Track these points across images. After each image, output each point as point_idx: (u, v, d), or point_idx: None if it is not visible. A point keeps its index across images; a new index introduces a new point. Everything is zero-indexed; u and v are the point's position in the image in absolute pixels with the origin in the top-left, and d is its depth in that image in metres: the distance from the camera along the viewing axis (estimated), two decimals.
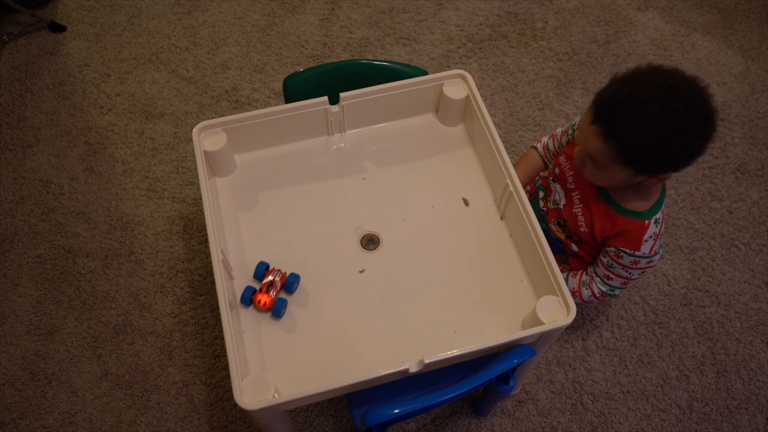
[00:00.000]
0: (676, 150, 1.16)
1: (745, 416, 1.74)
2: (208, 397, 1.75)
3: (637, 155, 1.19)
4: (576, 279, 1.52)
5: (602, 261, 1.45)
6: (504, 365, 1.20)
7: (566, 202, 1.47)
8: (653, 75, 1.18)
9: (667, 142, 1.14)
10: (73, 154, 2.17)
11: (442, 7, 2.55)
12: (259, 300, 1.26)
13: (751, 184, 2.12)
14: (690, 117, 1.14)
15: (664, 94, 1.13)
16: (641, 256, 1.36)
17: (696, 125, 1.15)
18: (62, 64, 2.39)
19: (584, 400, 1.76)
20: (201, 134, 1.38)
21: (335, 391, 1.11)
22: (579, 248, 1.51)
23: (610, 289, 1.48)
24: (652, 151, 1.17)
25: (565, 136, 1.55)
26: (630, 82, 1.18)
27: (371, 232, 1.37)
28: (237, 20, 2.51)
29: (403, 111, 1.52)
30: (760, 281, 1.93)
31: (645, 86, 1.15)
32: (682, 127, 1.14)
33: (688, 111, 1.13)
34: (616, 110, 1.16)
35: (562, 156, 1.50)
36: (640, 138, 1.15)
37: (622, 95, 1.16)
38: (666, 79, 1.16)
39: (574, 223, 1.46)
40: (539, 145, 1.63)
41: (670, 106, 1.12)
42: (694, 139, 1.16)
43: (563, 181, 1.49)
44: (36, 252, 1.97)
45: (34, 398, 1.76)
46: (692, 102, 1.14)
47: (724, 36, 2.49)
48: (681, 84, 1.15)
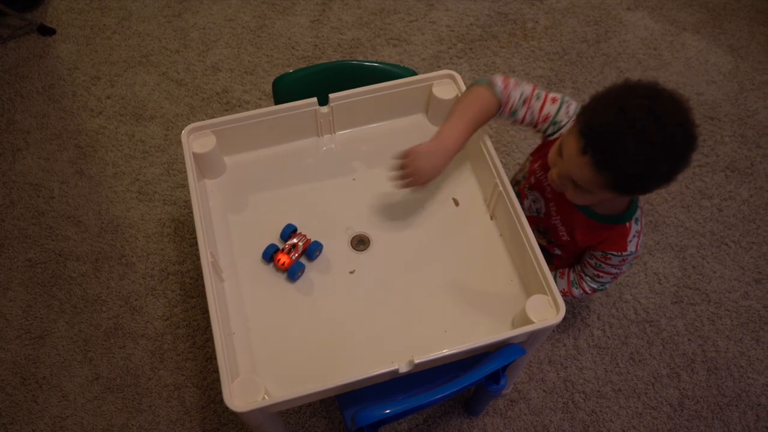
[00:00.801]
0: (672, 175, 1.12)
1: (735, 413, 1.74)
2: (200, 399, 1.75)
3: (632, 184, 1.15)
4: (564, 279, 1.52)
5: (590, 263, 1.44)
6: (494, 364, 1.20)
7: (545, 212, 1.45)
8: (641, 97, 1.09)
9: (667, 171, 1.11)
10: (63, 158, 2.16)
11: (433, 7, 2.56)
12: (278, 259, 1.30)
13: (740, 182, 2.13)
14: (686, 143, 1.09)
15: (661, 121, 1.06)
16: (628, 255, 1.37)
17: (690, 149, 1.10)
18: (52, 67, 2.38)
19: (576, 399, 1.76)
20: (190, 136, 1.38)
21: (325, 392, 1.11)
22: (562, 251, 1.51)
23: (600, 285, 1.48)
24: (649, 180, 1.13)
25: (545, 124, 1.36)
26: (620, 106, 1.08)
27: (361, 233, 1.37)
28: (227, 22, 2.51)
29: (392, 111, 1.52)
30: (750, 279, 1.94)
31: (638, 112, 1.06)
32: (681, 154, 1.10)
33: (684, 137, 1.09)
34: (613, 142, 1.08)
35: (536, 164, 1.44)
36: (640, 169, 1.09)
37: (618, 125, 1.07)
38: (655, 100, 1.09)
39: (555, 233, 1.45)
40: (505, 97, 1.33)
41: (668, 134, 1.06)
42: (686, 162, 1.12)
43: (541, 190, 1.44)
44: (26, 256, 1.97)
45: (24, 403, 1.75)
46: (686, 127, 1.09)
47: (713, 35, 2.50)
48: (671, 106, 1.10)
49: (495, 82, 1.33)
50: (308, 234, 1.35)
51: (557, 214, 1.42)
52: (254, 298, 1.29)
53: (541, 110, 1.34)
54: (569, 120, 1.33)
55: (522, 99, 1.33)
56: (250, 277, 1.32)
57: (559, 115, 1.34)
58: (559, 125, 1.34)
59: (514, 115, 1.35)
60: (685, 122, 1.09)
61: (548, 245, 1.52)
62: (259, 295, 1.30)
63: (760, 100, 2.32)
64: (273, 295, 1.30)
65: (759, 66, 2.41)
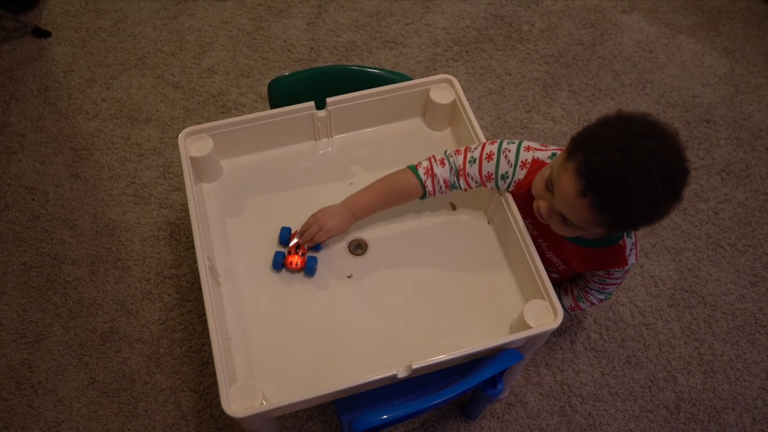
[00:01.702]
0: (666, 213, 1.11)
1: (732, 416, 1.75)
2: (197, 404, 1.74)
3: (630, 224, 1.14)
4: (570, 296, 1.52)
5: (593, 280, 1.43)
6: (491, 370, 1.20)
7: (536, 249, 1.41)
8: (641, 136, 1.06)
9: (663, 209, 1.09)
10: (58, 161, 2.15)
11: (429, 10, 2.56)
12: (290, 262, 1.31)
13: (736, 185, 2.13)
14: (682, 180, 1.08)
15: (662, 162, 1.04)
16: (630, 267, 1.35)
17: (684, 185, 1.09)
18: (47, 70, 2.37)
19: (573, 402, 1.76)
20: (187, 140, 1.38)
21: (323, 398, 1.11)
22: (559, 275, 1.50)
23: (606, 295, 1.48)
24: (646, 219, 1.11)
25: (491, 182, 1.31)
26: (620, 148, 1.04)
27: (359, 238, 1.37)
28: (223, 25, 2.50)
29: (390, 116, 1.52)
30: (746, 281, 1.95)
31: (640, 154, 1.03)
32: (678, 192, 1.09)
33: (681, 175, 1.07)
34: (617, 186, 1.04)
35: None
36: (641, 211, 1.07)
37: (621, 169, 1.03)
38: (653, 139, 1.06)
39: (550, 264, 1.44)
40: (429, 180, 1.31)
41: (667, 174, 1.05)
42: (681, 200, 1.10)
43: None
44: (21, 259, 1.96)
45: (19, 407, 1.74)
46: (682, 164, 1.07)
47: (708, 38, 2.51)
48: (667, 143, 1.07)
49: (419, 167, 1.31)
50: None
51: (549, 249, 1.40)
52: (251, 303, 1.29)
53: (480, 172, 1.29)
54: (515, 169, 1.28)
55: (454, 172, 1.30)
56: (247, 281, 1.31)
57: (501, 169, 1.29)
58: (507, 177, 1.30)
59: (456, 188, 1.32)
60: (680, 158, 1.07)
61: None
62: (257, 299, 1.29)
63: (755, 103, 2.32)
64: (270, 299, 1.29)
65: (754, 69, 2.42)
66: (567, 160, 1.11)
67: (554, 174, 1.15)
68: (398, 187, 1.32)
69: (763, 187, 2.13)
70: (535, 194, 1.24)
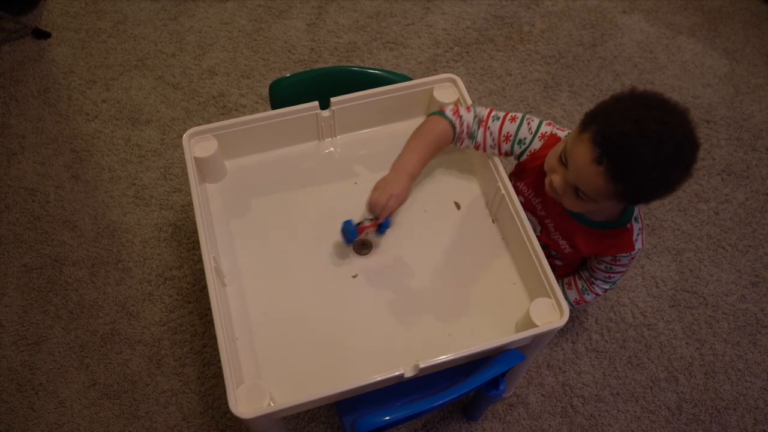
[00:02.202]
0: (678, 184, 1.13)
1: (733, 416, 1.75)
2: (198, 405, 1.74)
3: (641, 194, 1.15)
4: (574, 289, 1.53)
5: (599, 268, 1.45)
6: (494, 370, 1.20)
7: (542, 230, 1.45)
8: (653, 108, 1.10)
9: (675, 180, 1.12)
10: (58, 162, 2.14)
11: (429, 11, 2.56)
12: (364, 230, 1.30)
13: (737, 185, 2.14)
14: (692, 151, 1.11)
15: (673, 132, 1.07)
16: (637, 252, 1.37)
17: (695, 157, 1.12)
18: (47, 71, 2.36)
19: (574, 403, 1.76)
20: (191, 140, 1.37)
21: (331, 398, 1.11)
22: (564, 261, 1.51)
23: (611, 285, 1.49)
24: (658, 189, 1.14)
25: (507, 144, 1.36)
26: (635, 118, 1.08)
27: (363, 237, 1.37)
28: (224, 26, 2.50)
29: (394, 115, 1.52)
30: (747, 282, 1.95)
31: (653, 124, 1.07)
32: (689, 163, 1.11)
33: (691, 146, 1.10)
34: (631, 152, 1.08)
35: (521, 183, 1.43)
36: (654, 179, 1.10)
37: (635, 136, 1.07)
38: (665, 112, 1.10)
39: (557, 247, 1.45)
40: (457, 120, 1.35)
41: (678, 144, 1.08)
42: (691, 171, 1.13)
43: (532, 210, 1.44)
44: (22, 261, 1.95)
45: (21, 409, 1.73)
46: (692, 137, 1.10)
47: (708, 38, 2.52)
48: (678, 117, 1.11)
49: (444, 109, 1.36)
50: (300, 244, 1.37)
51: (556, 230, 1.42)
52: (257, 303, 1.28)
53: (500, 130, 1.34)
54: (534, 137, 1.33)
55: (477, 120, 1.34)
56: (252, 281, 1.31)
57: (520, 133, 1.33)
58: (524, 144, 1.34)
59: (473, 137, 1.35)
60: (691, 132, 1.10)
61: (549, 258, 1.52)
62: (262, 300, 1.29)
63: (755, 103, 2.33)
64: (276, 299, 1.29)
65: (754, 69, 2.43)
66: (581, 132, 1.15)
67: (568, 146, 1.18)
68: (433, 135, 1.34)
69: (763, 187, 2.13)
70: (547, 169, 1.26)
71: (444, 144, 1.35)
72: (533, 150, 1.34)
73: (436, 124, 1.34)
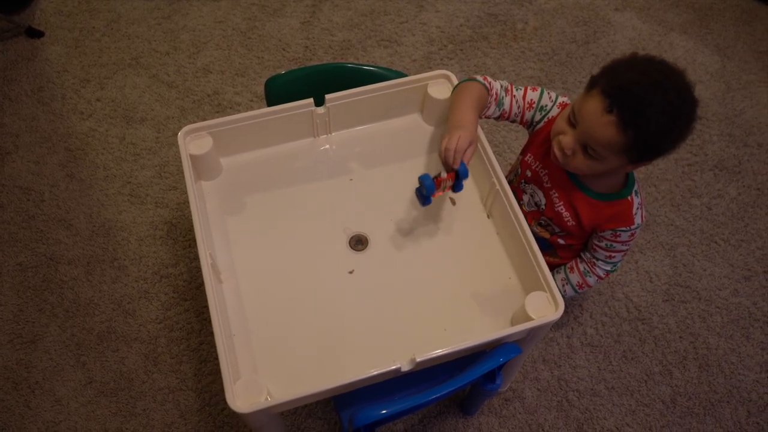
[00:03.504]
0: (682, 139, 1.20)
1: (727, 409, 1.76)
2: (195, 402, 1.74)
3: (652, 144, 1.19)
4: (576, 273, 1.54)
5: (599, 245, 1.47)
6: (490, 364, 1.21)
7: (547, 202, 1.47)
8: (658, 63, 1.19)
9: (680, 130, 1.18)
10: (53, 161, 2.14)
11: (423, 9, 2.57)
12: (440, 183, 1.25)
13: (729, 180, 2.15)
14: (693, 103, 1.18)
15: (676, 82, 1.16)
16: (636, 228, 1.40)
17: (695, 110, 1.19)
18: (41, 70, 2.36)
19: (570, 397, 1.77)
20: (186, 138, 1.37)
21: (328, 392, 1.12)
22: (566, 240, 1.53)
23: (613, 266, 1.51)
24: (667, 140, 1.19)
25: (531, 111, 1.43)
26: (642, 70, 1.17)
27: (359, 233, 1.38)
28: (218, 24, 2.50)
29: (388, 112, 1.53)
30: (740, 276, 1.97)
31: (658, 74, 1.16)
32: (692, 113, 1.18)
33: (692, 98, 1.17)
34: (640, 98, 1.14)
35: (528, 156, 1.47)
36: (662, 125, 1.15)
37: (643, 83, 1.14)
38: (667, 66, 1.18)
39: (560, 220, 1.47)
40: (487, 84, 1.40)
41: (685, 97, 1.16)
42: (693, 123, 1.20)
43: (538, 181, 1.47)
44: (17, 260, 1.95)
45: (17, 408, 1.73)
46: (692, 93, 1.18)
47: (700, 35, 2.54)
48: (678, 71, 1.18)
49: (474, 76, 1.41)
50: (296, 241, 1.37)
51: (560, 200, 1.44)
52: (253, 300, 1.29)
53: (524, 98, 1.42)
54: (554, 105, 1.41)
55: (503, 88, 1.41)
56: (248, 278, 1.31)
57: (543, 100, 1.42)
58: (545, 110, 1.42)
59: (501, 105, 1.41)
60: (690, 87, 1.18)
61: (552, 237, 1.53)
62: (258, 296, 1.29)
63: (746, 99, 2.35)
64: (272, 296, 1.30)
65: (745, 66, 2.44)
66: (589, 90, 1.22)
67: (577, 105, 1.25)
68: (473, 96, 1.36)
69: (755, 182, 2.15)
70: (554, 133, 1.32)
71: (483, 105, 1.39)
72: (551, 117, 1.41)
73: (473, 87, 1.38)
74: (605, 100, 1.17)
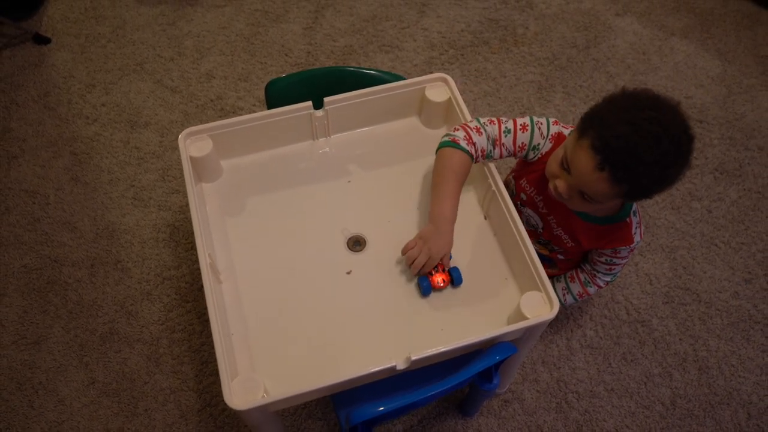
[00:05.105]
0: (678, 177, 1.17)
1: (727, 411, 1.76)
2: (196, 402, 1.75)
3: (644, 192, 1.19)
4: (577, 282, 1.55)
5: (599, 260, 1.48)
6: (486, 361, 1.22)
7: (544, 225, 1.48)
8: (647, 108, 1.13)
9: (675, 174, 1.15)
10: (58, 165, 2.17)
11: (424, 14, 2.59)
12: (437, 282, 1.30)
13: (729, 183, 2.16)
14: (689, 145, 1.14)
15: (669, 129, 1.11)
16: (636, 245, 1.41)
17: (691, 150, 1.15)
18: (47, 76, 2.39)
19: (569, 399, 1.78)
20: (187, 140, 1.39)
21: (324, 390, 1.13)
22: (566, 256, 1.54)
23: (612, 277, 1.52)
24: (660, 186, 1.18)
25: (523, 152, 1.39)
26: (630, 120, 1.11)
27: (357, 234, 1.39)
28: (221, 30, 2.53)
29: (386, 115, 1.54)
30: (740, 279, 1.97)
31: (648, 124, 1.10)
32: (686, 157, 1.15)
33: (687, 140, 1.14)
34: (632, 155, 1.11)
35: (523, 180, 1.46)
36: (655, 177, 1.14)
37: (633, 139, 1.10)
38: (659, 110, 1.13)
39: (559, 242, 1.48)
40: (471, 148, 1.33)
41: (676, 140, 1.11)
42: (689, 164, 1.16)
43: (533, 206, 1.46)
44: (22, 262, 1.97)
45: (20, 408, 1.75)
46: (687, 130, 1.14)
47: (701, 40, 2.54)
48: (671, 112, 1.14)
49: (457, 139, 1.33)
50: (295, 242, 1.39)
51: (558, 226, 1.44)
52: (252, 300, 1.30)
53: (515, 142, 1.36)
54: (545, 140, 1.36)
55: (491, 141, 1.35)
56: (247, 279, 1.33)
57: (534, 139, 1.36)
58: (537, 149, 1.37)
59: (490, 157, 1.37)
60: (685, 125, 1.14)
61: (551, 254, 1.55)
62: (257, 296, 1.31)
63: (747, 103, 2.35)
64: (271, 296, 1.31)
65: (746, 70, 2.45)
66: (580, 138, 1.17)
67: (569, 153, 1.21)
68: (459, 170, 1.32)
69: (755, 185, 2.15)
70: (549, 175, 1.29)
71: (467, 173, 1.34)
72: (544, 152, 1.37)
73: (454, 158, 1.32)
74: (596, 156, 1.13)
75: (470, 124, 1.36)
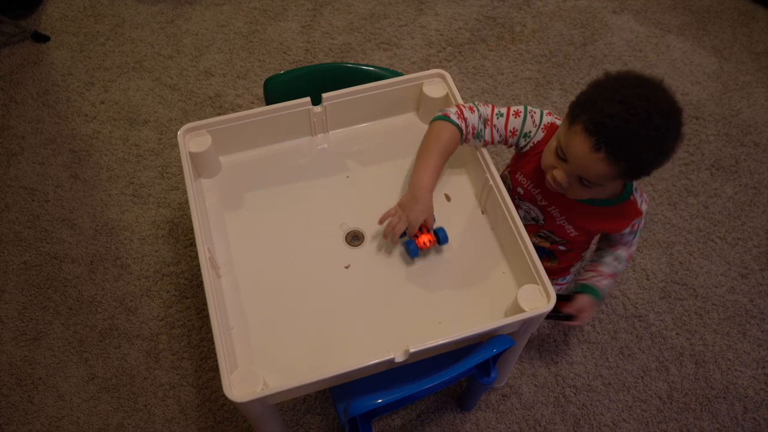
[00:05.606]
0: (673, 150, 1.19)
1: (723, 405, 1.78)
2: (195, 398, 1.76)
3: (642, 168, 1.21)
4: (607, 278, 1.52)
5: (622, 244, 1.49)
6: (484, 354, 1.23)
7: (545, 218, 1.49)
8: (634, 87, 1.16)
9: (670, 147, 1.18)
10: (57, 162, 2.18)
11: (422, 12, 2.60)
12: (423, 242, 1.32)
13: (725, 179, 2.17)
14: (678, 117, 1.17)
15: (658, 104, 1.14)
16: (644, 213, 1.43)
17: (681, 123, 1.18)
18: (46, 74, 2.40)
19: (567, 393, 1.79)
20: (186, 136, 1.40)
21: (323, 382, 1.13)
22: (568, 246, 1.55)
23: (634, 248, 1.54)
24: (657, 160, 1.19)
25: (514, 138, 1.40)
26: (621, 99, 1.14)
27: (356, 229, 1.40)
28: (220, 28, 2.54)
29: (384, 110, 1.55)
30: (736, 274, 1.98)
31: (638, 101, 1.13)
32: (678, 129, 1.18)
33: (676, 113, 1.17)
34: (626, 132, 1.13)
35: (519, 174, 1.47)
36: (651, 151, 1.16)
37: (626, 117, 1.13)
38: (645, 87, 1.16)
39: (563, 233, 1.48)
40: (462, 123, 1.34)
41: (665, 114, 1.14)
42: (681, 136, 1.19)
43: (531, 199, 1.47)
44: (22, 259, 1.98)
45: (20, 403, 1.76)
46: (674, 104, 1.17)
47: (697, 37, 2.56)
48: (657, 89, 1.17)
49: (449, 113, 1.36)
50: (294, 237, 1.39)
51: (562, 215, 1.45)
52: (251, 294, 1.31)
53: (506, 126, 1.38)
54: (538, 129, 1.38)
55: (482, 120, 1.37)
56: (246, 273, 1.34)
57: (526, 126, 1.39)
58: (529, 137, 1.39)
59: (480, 137, 1.38)
60: (672, 100, 1.17)
61: (552, 246, 1.55)
62: (256, 291, 1.31)
63: (743, 100, 2.37)
64: (269, 291, 1.32)
65: (742, 66, 2.46)
66: (572, 125, 1.20)
67: (563, 141, 1.23)
68: (441, 143, 1.34)
69: (751, 181, 2.16)
70: (545, 167, 1.32)
71: (453, 148, 1.36)
72: (536, 141, 1.39)
73: (443, 130, 1.34)
74: (591, 138, 1.16)
75: (464, 105, 1.38)
